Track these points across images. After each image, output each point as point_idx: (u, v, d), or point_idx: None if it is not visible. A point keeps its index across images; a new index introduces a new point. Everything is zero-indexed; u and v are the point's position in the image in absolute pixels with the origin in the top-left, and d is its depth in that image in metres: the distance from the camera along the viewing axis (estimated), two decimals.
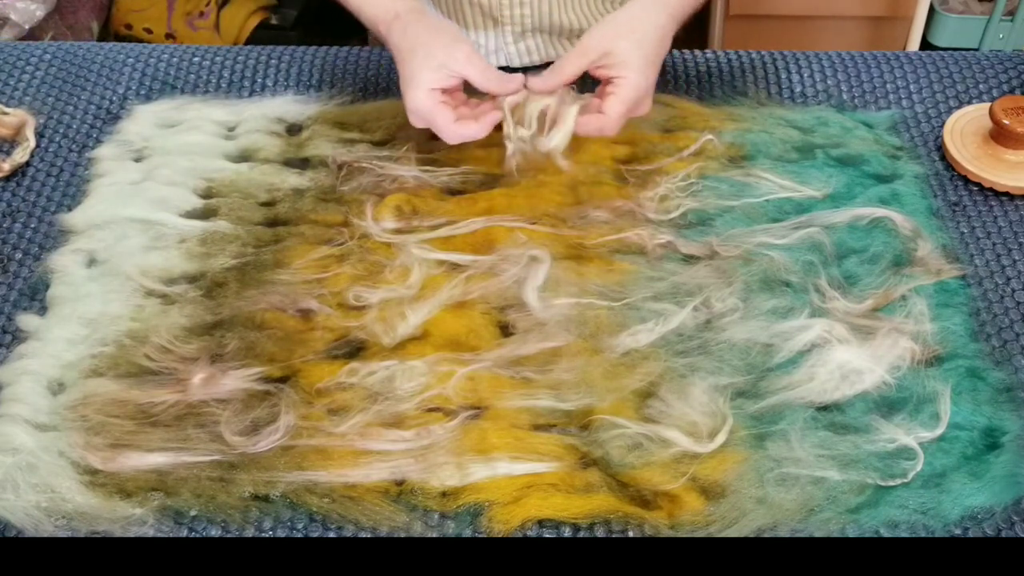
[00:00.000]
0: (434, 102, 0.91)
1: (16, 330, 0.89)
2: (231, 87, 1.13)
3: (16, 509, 0.76)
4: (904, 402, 0.82)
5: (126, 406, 0.82)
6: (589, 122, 0.92)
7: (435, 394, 0.82)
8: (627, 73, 0.90)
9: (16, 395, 0.83)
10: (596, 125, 0.92)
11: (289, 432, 0.80)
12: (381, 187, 1.00)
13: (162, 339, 0.86)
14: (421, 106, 0.91)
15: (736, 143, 1.04)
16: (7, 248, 0.96)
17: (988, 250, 0.96)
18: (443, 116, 0.91)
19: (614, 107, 0.91)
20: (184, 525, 0.76)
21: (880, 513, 0.76)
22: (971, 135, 1.03)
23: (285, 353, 0.86)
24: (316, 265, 0.93)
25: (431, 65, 0.91)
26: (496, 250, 0.93)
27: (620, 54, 0.90)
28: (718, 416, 0.80)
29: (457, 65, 0.91)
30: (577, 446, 0.80)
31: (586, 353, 0.85)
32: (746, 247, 0.93)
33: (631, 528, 0.76)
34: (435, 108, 0.91)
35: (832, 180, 0.99)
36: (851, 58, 1.16)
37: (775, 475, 0.77)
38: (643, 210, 0.97)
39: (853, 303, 0.89)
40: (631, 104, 0.91)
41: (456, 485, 0.77)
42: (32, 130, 1.07)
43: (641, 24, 0.92)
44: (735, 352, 0.85)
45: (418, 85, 0.91)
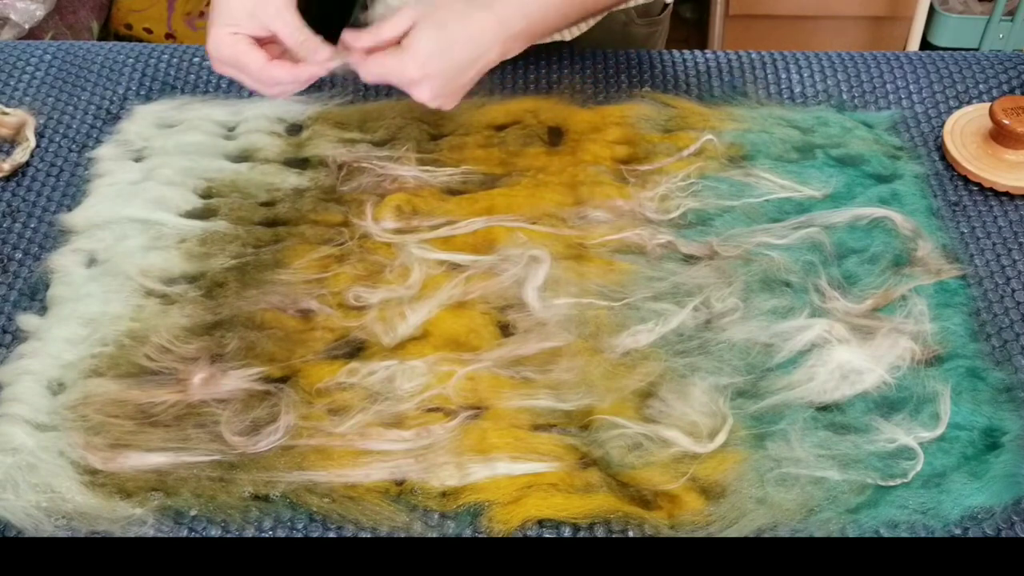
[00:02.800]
0: (242, 44, 0.85)
1: (16, 330, 0.89)
2: (231, 87, 1.13)
3: (16, 509, 0.76)
4: (904, 402, 0.82)
5: (126, 406, 0.82)
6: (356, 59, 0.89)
7: (435, 394, 0.82)
8: (407, 50, 0.86)
9: (16, 395, 0.83)
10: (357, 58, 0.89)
11: (289, 432, 0.80)
12: (381, 187, 1.00)
13: (162, 339, 0.86)
14: (223, 49, 0.86)
15: (736, 143, 1.04)
16: (7, 248, 0.96)
17: (988, 250, 0.96)
18: (252, 57, 0.86)
19: (372, 64, 0.88)
20: (184, 525, 0.76)
21: (880, 513, 0.76)
22: (971, 135, 1.04)
23: (285, 353, 0.86)
24: (316, 265, 0.93)
25: (243, 6, 0.85)
26: (496, 250, 0.93)
27: (414, 35, 0.87)
28: (718, 416, 0.80)
29: (266, 16, 0.85)
30: (577, 446, 0.80)
31: (586, 353, 0.85)
32: (746, 247, 0.93)
33: (631, 528, 0.76)
34: (243, 49, 0.85)
35: (832, 180, 0.99)
36: (851, 58, 1.16)
37: (775, 475, 0.77)
38: (643, 210, 0.97)
39: (853, 303, 0.89)
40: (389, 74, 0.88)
41: (456, 485, 0.77)
42: (32, 130, 1.07)
43: (457, 21, 0.88)
44: (735, 352, 0.85)
45: (224, 23, 0.86)
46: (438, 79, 0.88)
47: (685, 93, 1.11)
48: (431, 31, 0.87)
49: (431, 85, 0.88)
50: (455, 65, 0.88)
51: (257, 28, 0.86)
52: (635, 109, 1.07)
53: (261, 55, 0.86)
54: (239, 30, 0.86)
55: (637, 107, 1.07)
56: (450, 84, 0.89)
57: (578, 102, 1.08)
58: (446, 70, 0.88)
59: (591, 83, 1.12)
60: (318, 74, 0.88)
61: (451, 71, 0.88)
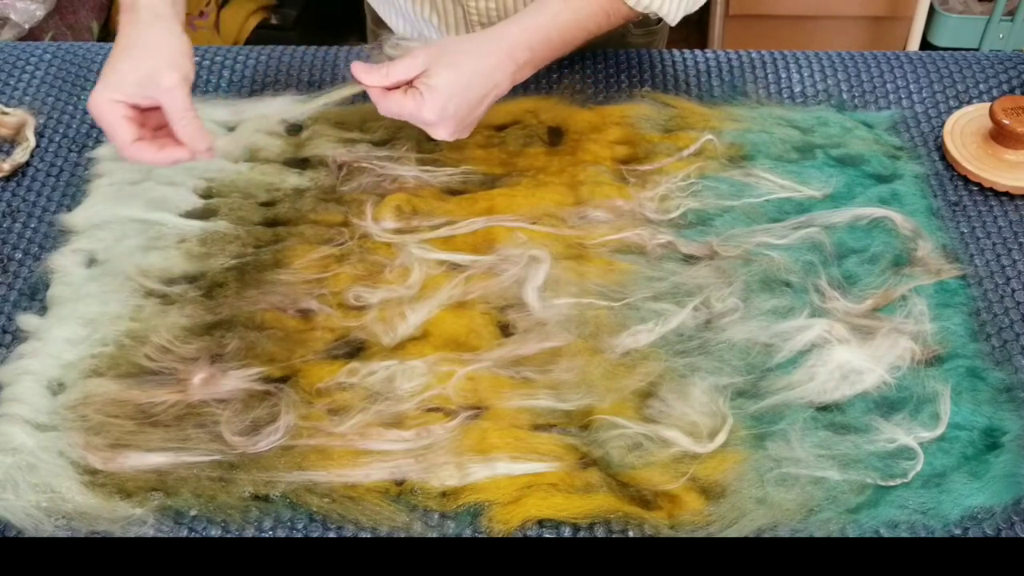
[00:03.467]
0: (117, 114, 0.84)
1: (16, 330, 0.89)
2: (231, 87, 1.13)
3: (16, 509, 0.76)
4: (904, 402, 0.82)
5: (126, 406, 0.82)
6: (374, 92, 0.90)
7: (435, 394, 0.82)
8: (425, 94, 0.88)
9: (16, 395, 0.83)
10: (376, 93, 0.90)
11: (289, 432, 0.80)
12: (381, 187, 1.00)
13: (162, 339, 0.86)
14: (99, 113, 0.84)
15: (736, 143, 1.04)
16: (7, 248, 0.96)
17: (988, 250, 0.96)
18: (121, 132, 0.84)
19: (392, 104, 0.89)
20: (184, 525, 0.76)
21: (880, 513, 0.76)
22: (971, 135, 1.04)
23: (285, 353, 0.86)
24: (316, 265, 0.93)
25: (134, 77, 0.84)
26: (496, 250, 0.93)
27: (432, 77, 0.89)
28: (718, 416, 0.80)
29: (156, 91, 0.84)
30: (577, 446, 0.80)
31: (586, 353, 0.85)
32: (746, 247, 0.93)
33: (631, 528, 0.76)
34: (116, 121, 0.84)
35: (832, 180, 0.99)
36: (851, 58, 1.16)
37: (775, 475, 0.77)
38: (643, 210, 0.97)
39: (853, 303, 0.89)
40: (408, 118, 0.90)
41: (456, 485, 0.77)
42: (32, 130, 1.07)
43: (474, 58, 0.91)
44: (735, 352, 0.85)
45: (107, 87, 0.84)
46: (454, 119, 0.90)
47: (685, 93, 1.11)
48: (447, 74, 0.89)
49: (447, 125, 0.90)
50: (470, 103, 0.90)
51: (143, 99, 0.85)
52: (635, 109, 1.07)
53: (129, 133, 0.85)
54: (121, 98, 0.84)
55: (637, 107, 1.07)
56: (466, 120, 0.92)
57: (578, 102, 1.08)
58: (461, 108, 0.90)
59: (591, 83, 1.12)
60: (184, 160, 0.87)
61: (466, 108, 0.90)
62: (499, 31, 0.93)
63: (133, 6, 0.88)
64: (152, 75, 0.84)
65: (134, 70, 0.85)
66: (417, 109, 0.89)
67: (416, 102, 0.89)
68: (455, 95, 0.89)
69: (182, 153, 0.86)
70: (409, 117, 0.90)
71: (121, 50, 0.86)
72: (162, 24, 0.88)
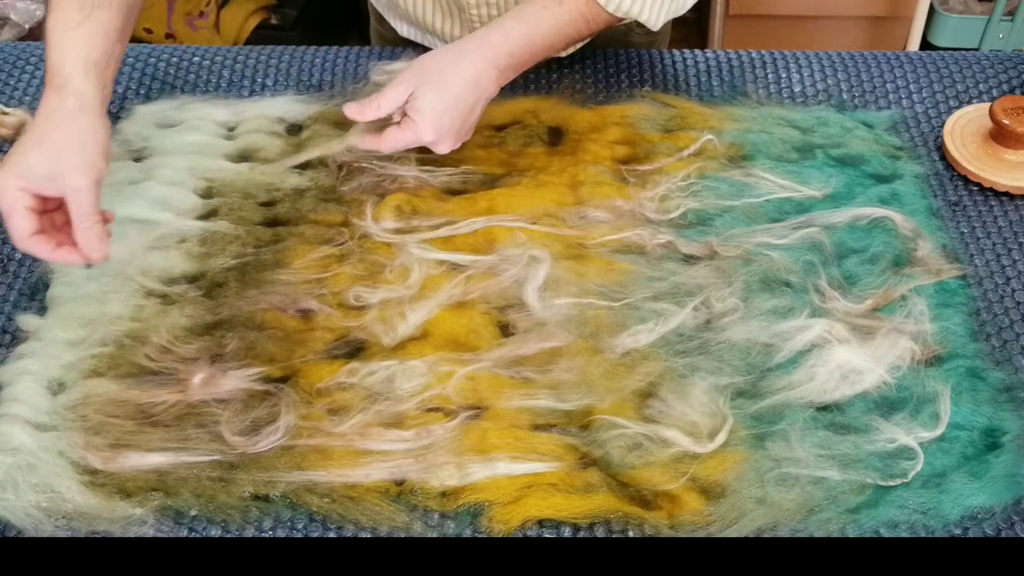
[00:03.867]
0: (19, 203, 0.81)
1: (16, 330, 0.89)
2: (231, 87, 1.13)
3: (16, 509, 0.76)
4: (904, 402, 0.82)
5: (126, 406, 0.82)
6: (368, 141, 0.95)
7: (435, 394, 0.82)
8: (417, 120, 0.91)
9: (16, 395, 0.83)
10: (371, 144, 0.95)
11: (289, 432, 0.80)
12: (381, 187, 1.00)
13: (162, 339, 0.86)
14: (2, 195, 0.81)
15: (736, 143, 1.04)
16: (7, 248, 0.96)
17: (988, 250, 0.96)
18: (20, 221, 0.81)
19: (391, 141, 0.93)
20: (184, 525, 0.76)
21: (880, 513, 0.76)
22: (971, 135, 1.04)
23: (285, 353, 0.86)
24: (316, 265, 0.93)
25: (45, 170, 0.81)
26: (496, 250, 0.93)
27: (419, 100, 0.91)
28: (718, 416, 0.80)
29: (67, 191, 0.82)
30: (577, 446, 0.80)
31: (586, 353, 0.85)
32: (746, 247, 0.93)
33: (631, 528, 0.76)
34: (17, 209, 0.81)
35: (832, 180, 0.99)
36: (851, 58, 1.16)
37: (775, 475, 0.77)
38: (643, 210, 0.97)
39: (853, 303, 0.89)
40: (409, 145, 0.94)
41: (456, 485, 0.77)
42: None
43: (456, 70, 0.92)
44: (735, 352, 0.85)
45: (14, 173, 0.81)
46: (451, 134, 0.94)
47: (685, 93, 1.11)
48: (433, 92, 0.91)
49: (447, 141, 0.94)
50: (462, 114, 0.93)
51: (52, 191, 0.82)
52: (635, 109, 1.07)
53: (28, 224, 0.82)
54: (26, 186, 0.81)
55: (637, 107, 1.07)
56: (462, 130, 0.95)
57: (578, 102, 1.08)
58: (455, 122, 0.93)
59: (591, 83, 1.12)
60: (77, 263, 0.84)
61: (459, 121, 0.93)
62: (480, 38, 0.95)
63: (61, 89, 0.85)
64: (64, 174, 0.82)
65: (47, 163, 0.82)
66: (415, 136, 0.92)
67: (411, 129, 0.92)
68: (446, 111, 0.92)
69: (75, 257, 0.83)
70: (411, 145, 0.94)
71: (36, 139, 0.83)
72: (86, 118, 0.84)
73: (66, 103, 0.84)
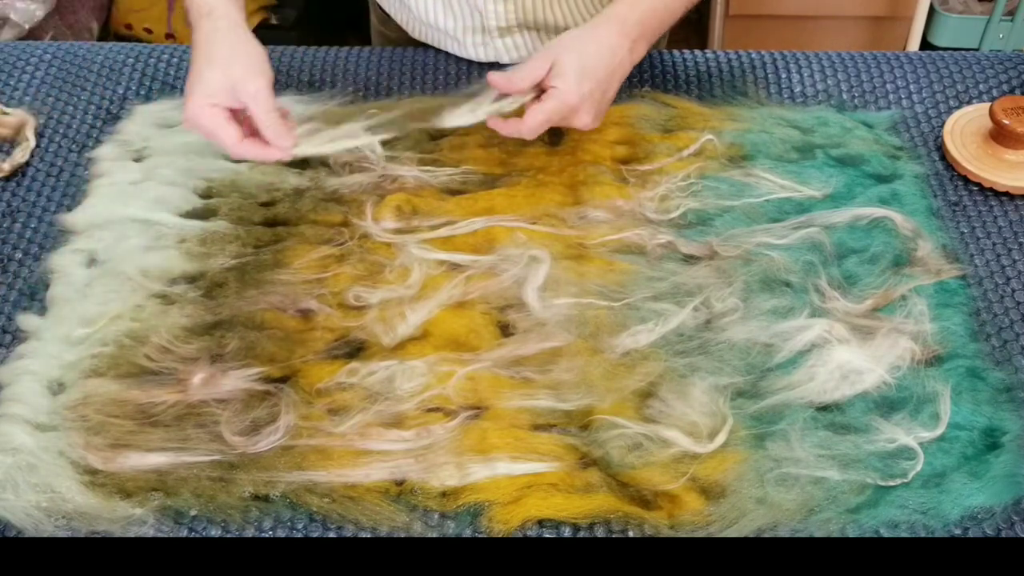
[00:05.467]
0: (219, 118, 0.90)
1: (16, 330, 0.89)
2: None
3: (16, 509, 0.76)
4: (904, 402, 0.82)
5: (126, 406, 0.82)
6: (507, 125, 0.94)
7: (435, 394, 0.82)
8: (559, 84, 0.91)
9: (16, 395, 0.83)
10: (512, 128, 0.94)
11: (289, 432, 0.80)
12: (381, 187, 1.00)
13: (162, 339, 0.86)
14: (201, 120, 0.90)
15: (736, 143, 1.04)
16: (7, 248, 0.96)
17: (988, 250, 0.96)
18: (227, 133, 0.90)
19: (534, 115, 0.92)
20: (184, 525, 0.76)
21: (880, 513, 0.76)
22: (971, 135, 1.04)
23: (285, 353, 0.86)
24: (316, 265, 0.93)
25: (224, 82, 0.89)
26: (496, 250, 0.93)
27: (560, 65, 0.92)
28: (718, 416, 0.80)
29: (246, 96, 0.89)
30: (577, 446, 0.80)
31: (586, 353, 0.85)
32: (746, 247, 0.93)
33: (631, 528, 0.76)
34: (219, 124, 0.90)
35: (832, 180, 0.99)
36: (851, 58, 1.16)
37: (775, 475, 0.77)
38: (643, 210, 0.97)
39: (853, 303, 0.89)
40: (553, 115, 0.92)
41: (456, 485, 0.77)
42: (32, 130, 1.07)
43: (591, 40, 0.94)
44: (735, 352, 0.85)
45: (202, 94, 0.90)
46: (591, 100, 0.93)
47: (685, 93, 1.11)
48: (575, 59, 0.92)
49: (588, 107, 0.93)
50: (601, 83, 0.93)
51: (234, 102, 0.90)
52: (635, 109, 1.07)
53: (235, 132, 0.90)
54: (217, 102, 0.89)
55: (637, 107, 1.07)
56: (601, 102, 0.94)
57: None
58: (595, 89, 0.93)
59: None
60: (281, 158, 0.92)
61: (599, 90, 0.93)
62: (607, 13, 0.96)
63: (210, 15, 0.93)
64: (241, 81, 0.89)
65: (223, 77, 0.89)
66: (560, 102, 0.91)
67: (556, 97, 0.91)
68: (587, 78, 0.92)
69: (274, 153, 0.91)
70: (555, 115, 0.92)
71: (206, 60, 0.91)
72: (242, 33, 0.93)
73: (219, 24, 0.92)
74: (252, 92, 0.89)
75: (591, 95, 0.92)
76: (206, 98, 0.89)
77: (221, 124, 0.90)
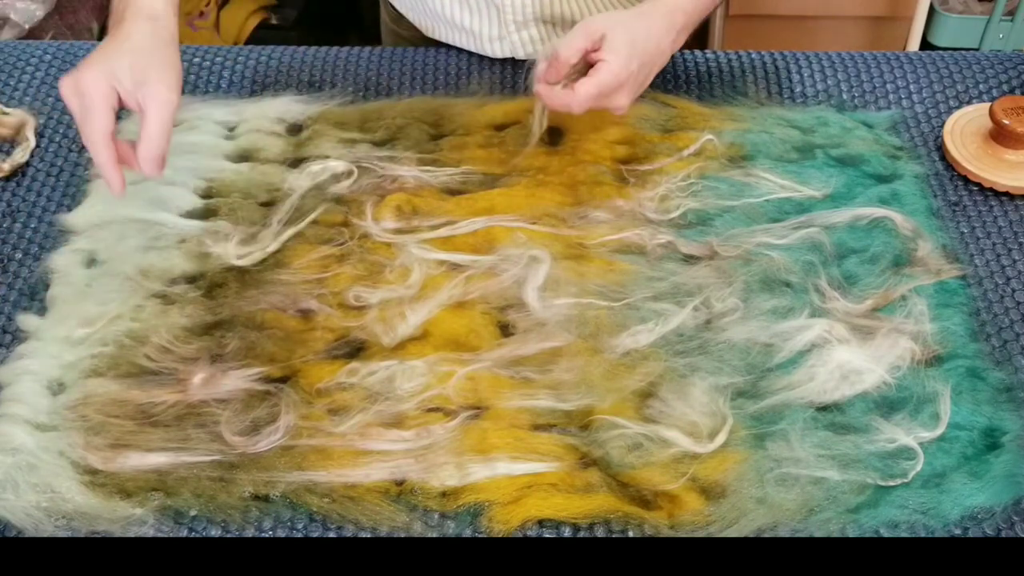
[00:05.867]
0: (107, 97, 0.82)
1: (16, 330, 0.89)
2: (231, 87, 1.13)
3: (16, 509, 0.76)
4: (904, 402, 0.82)
5: (126, 406, 0.82)
6: (557, 96, 0.91)
7: (435, 394, 0.82)
8: (610, 57, 0.90)
9: (16, 395, 0.83)
10: (564, 100, 0.91)
11: (289, 432, 0.80)
12: (381, 187, 1.00)
13: (162, 339, 0.86)
14: (89, 86, 0.81)
15: (736, 143, 1.04)
16: (7, 248, 0.96)
17: (988, 250, 0.96)
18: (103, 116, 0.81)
19: (585, 86, 0.90)
20: (184, 525, 0.76)
21: (880, 513, 0.76)
22: (971, 135, 1.03)
23: (285, 353, 0.86)
24: (316, 265, 0.93)
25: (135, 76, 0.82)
26: (496, 250, 0.93)
27: (611, 40, 0.90)
28: (718, 416, 0.80)
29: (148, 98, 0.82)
30: (577, 446, 0.80)
31: (586, 353, 0.85)
32: (746, 247, 0.93)
33: (631, 528, 0.76)
34: (102, 102, 0.81)
35: (832, 180, 0.99)
36: (851, 58, 1.16)
37: (775, 475, 0.77)
38: (643, 210, 0.97)
39: (853, 303, 0.89)
40: (604, 88, 0.90)
41: (456, 485, 0.77)
42: (32, 130, 1.07)
43: (640, 21, 0.93)
44: (735, 352, 0.85)
45: (108, 71, 0.82)
46: (634, 80, 0.92)
47: (685, 93, 1.11)
48: (627, 36, 0.91)
49: (630, 87, 0.92)
50: (646, 65, 0.92)
51: (131, 99, 0.83)
52: (635, 109, 1.06)
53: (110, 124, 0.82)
54: (116, 88, 0.82)
55: (637, 107, 1.07)
56: (642, 83, 0.94)
57: None
58: (640, 71, 0.92)
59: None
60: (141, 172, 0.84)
61: (644, 72, 0.93)
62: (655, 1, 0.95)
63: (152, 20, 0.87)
64: (155, 85, 0.83)
65: (139, 72, 0.83)
66: (611, 74, 0.89)
67: (606, 69, 0.90)
68: (636, 55, 0.91)
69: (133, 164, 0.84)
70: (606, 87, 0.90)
71: (128, 50, 0.84)
72: (175, 50, 0.88)
73: (159, 31, 0.87)
74: (162, 101, 0.82)
75: (636, 75, 0.91)
76: (109, 74, 0.82)
77: (104, 107, 0.81)
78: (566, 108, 0.91)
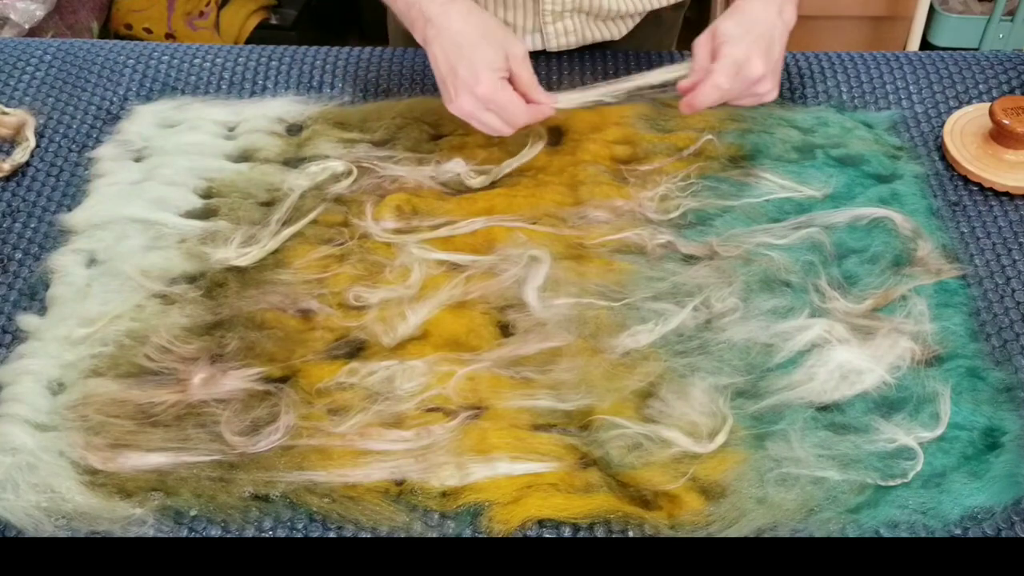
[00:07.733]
0: (508, 91, 0.92)
1: (16, 330, 0.89)
2: (231, 87, 1.13)
3: (16, 509, 0.76)
4: (904, 402, 0.82)
5: (126, 406, 0.82)
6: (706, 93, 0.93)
7: (435, 394, 0.82)
8: (729, 51, 0.92)
9: (16, 395, 0.83)
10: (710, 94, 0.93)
11: (289, 432, 0.80)
12: (381, 187, 1.00)
13: (162, 339, 0.86)
14: (496, 92, 0.91)
15: (736, 143, 1.04)
16: (7, 248, 0.96)
17: (988, 250, 0.96)
18: (519, 104, 0.92)
19: (703, 89, 0.92)
20: (184, 525, 0.76)
21: (880, 513, 0.76)
22: (971, 135, 1.03)
23: (285, 353, 0.86)
24: (316, 265, 0.93)
25: (499, 53, 0.91)
26: (496, 250, 0.93)
27: (723, 31, 0.93)
28: (718, 416, 0.80)
29: (515, 62, 0.92)
30: (577, 446, 0.80)
31: (586, 353, 0.85)
32: (746, 247, 0.93)
33: (631, 528, 0.76)
34: (512, 96, 0.92)
35: (832, 180, 0.99)
36: (851, 58, 1.15)
37: (775, 475, 0.77)
38: (643, 210, 0.97)
39: (853, 303, 0.89)
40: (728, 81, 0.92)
41: (456, 485, 0.77)
42: (32, 130, 1.07)
43: (742, 10, 0.95)
44: (735, 352, 0.85)
45: (491, 69, 0.91)
46: (773, 72, 0.94)
47: None
48: (732, 20, 0.94)
49: (773, 76, 0.94)
50: (765, 38, 0.94)
51: (506, 71, 0.92)
52: (635, 109, 1.07)
53: (521, 99, 0.92)
54: (503, 75, 0.92)
55: (637, 107, 1.07)
56: (779, 70, 0.95)
57: None
58: (760, 44, 0.93)
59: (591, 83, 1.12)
60: (549, 115, 0.95)
61: (776, 57, 0.94)
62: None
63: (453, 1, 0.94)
64: (510, 49, 0.92)
65: (497, 48, 0.91)
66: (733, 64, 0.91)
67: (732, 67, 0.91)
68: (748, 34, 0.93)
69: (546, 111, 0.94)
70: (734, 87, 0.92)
71: (479, 37, 0.92)
72: (479, 6, 0.95)
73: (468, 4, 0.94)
74: (520, 56, 0.92)
75: (774, 66, 0.93)
76: (494, 72, 0.91)
77: (513, 97, 0.91)
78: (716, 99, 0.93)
